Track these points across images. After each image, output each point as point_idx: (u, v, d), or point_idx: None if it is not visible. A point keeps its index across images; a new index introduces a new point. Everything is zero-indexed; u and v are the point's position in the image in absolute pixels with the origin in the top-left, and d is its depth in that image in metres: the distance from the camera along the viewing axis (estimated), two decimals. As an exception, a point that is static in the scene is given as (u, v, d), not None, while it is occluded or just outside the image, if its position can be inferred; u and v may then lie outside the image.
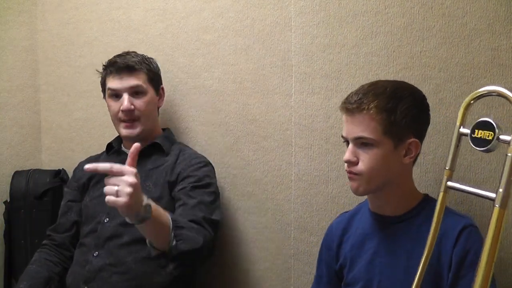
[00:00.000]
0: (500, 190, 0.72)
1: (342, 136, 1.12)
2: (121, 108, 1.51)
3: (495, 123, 0.77)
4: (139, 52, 1.84)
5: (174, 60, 1.77)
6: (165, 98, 1.80)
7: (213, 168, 1.58)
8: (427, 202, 1.13)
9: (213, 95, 1.68)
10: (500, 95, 0.80)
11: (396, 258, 1.09)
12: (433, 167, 1.28)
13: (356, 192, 1.11)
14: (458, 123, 0.85)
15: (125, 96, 1.51)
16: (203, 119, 1.71)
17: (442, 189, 0.86)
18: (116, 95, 1.53)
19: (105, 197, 1.48)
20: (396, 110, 1.05)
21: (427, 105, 1.12)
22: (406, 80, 1.24)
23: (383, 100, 1.05)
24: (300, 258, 1.53)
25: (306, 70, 1.49)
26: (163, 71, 1.80)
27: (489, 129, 0.77)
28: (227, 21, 1.64)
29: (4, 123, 2.02)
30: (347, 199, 1.42)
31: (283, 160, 1.55)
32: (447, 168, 0.86)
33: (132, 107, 1.51)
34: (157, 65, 1.64)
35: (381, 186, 1.09)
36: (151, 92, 1.57)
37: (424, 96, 1.12)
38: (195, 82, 1.73)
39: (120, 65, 1.52)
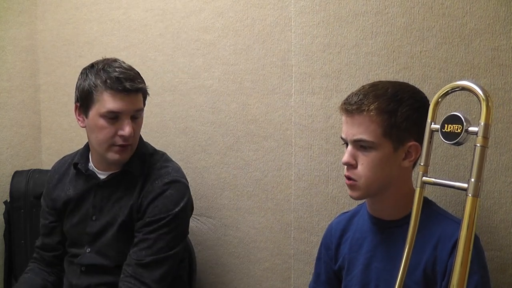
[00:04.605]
0: (472, 179, 0.75)
1: (341, 137, 1.11)
2: (122, 133, 1.33)
3: (463, 116, 0.79)
4: (139, 52, 1.85)
5: (174, 60, 1.77)
6: (165, 99, 1.81)
7: (183, 182, 1.44)
8: (426, 206, 1.10)
9: (213, 95, 1.68)
10: (463, 89, 0.82)
11: (393, 263, 1.07)
12: (433, 167, 1.28)
13: (354, 196, 1.09)
14: (429, 120, 0.87)
15: (128, 121, 1.34)
16: (203, 119, 1.71)
17: (418, 184, 0.88)
18: (114, 117, 1.33)
19: (82, 225, 1.44)
20: (397, 112, 1.03)
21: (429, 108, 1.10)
22: (406, 80, 1.24)
23: (383, 102, 1.04)
24: (300, 258, 1.53)
25: (306, 70, 1.49)
26: (163, 71, 1.80)
27: (457, 123, 0.79)
28: (227, 21, 1.64)
29: (4, 123, 2.02)
30: (347, 199, 1.42)
31: (283, 160, 1.55)
32: (421, 164, 0.87)
33: (133, 132, 1.35)
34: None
35: (380, 189, 1.08)
36: (143, 113, 1.43)
37: (426, 98, 1.10)
38: (195, 82, 1.73)
39: (128, 87, 1.32)
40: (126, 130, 1.33)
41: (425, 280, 1.03)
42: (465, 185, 0.76)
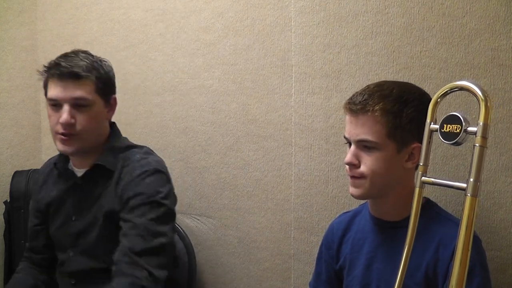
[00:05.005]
0: (471, 179, 0.75)
1: (345, 137, 1.10)
2: (60, 121, 1.29)
3: (462, 116, 0.79)
4: (139, 52, 1.85)
5: (174, 60, 1.77)
6: (165, 99, 1.80)
7: (165, 173, 1.40)
8: (428, 207, 1.10)
9: (213, 95, 1.68)
10: (462, 89, 0.82)
11: (394, 264, 1.06)
12: (433, 167, 1.28)
13: (356, 196, 1.09)
14: (428, 120, 0.87)
15: (66, 108, 1.29)
16: (203, 119, 1.71)
17: (418, 184, 0.88)
18: (56, 104, 1.31)
19: (65, 226, 1.40)
20: (402, 114, 1.03)
21: None
22: (406, 80, 1.24)
23: (389, 103, 1.03)
24: (300, 258, 1.53)
25: (306, 70, 1.49)
26: (163, 71, 1.80)
27: (456, 123, 0.79)
28: (227, 21, 1.64)
29: (4, 123, 2.02)
30: (347, 199, 1.42)
31: (283, 160, 1.55)
32: (421, 164, 0.87)
33: (73, 121, 1.29)
34: (110, 70, 1.42)
35: (382, 190, 1.08)
36: (98, 104, 1.35)
37: (430, 100, 1.09)
38: (195, 82, 1.73)
39: (63, 70, 1.29)
40: (63, 117, 1.28)
41: (427, 281, 1.03)
42: (464, 185, 0.76)
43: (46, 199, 1.46)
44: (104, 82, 1.36)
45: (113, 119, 1.46)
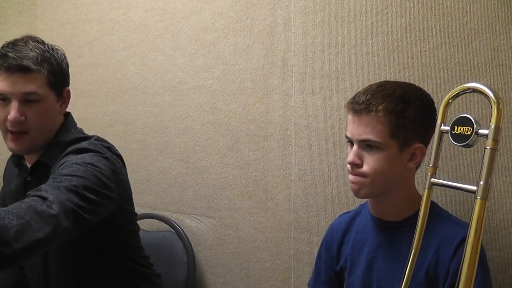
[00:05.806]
0: (481, 182, 0.75)
1: (346, 136, 1.10)
2: (8, 118, 1.18)
3: (473, 118, 0.79)
4: (139, 52, 1.85)
5: (174, 60, 1.77)
6: (165, 99, 1.80)
7: (98, 151, 1.22)
8: (429, 207, 1.11)
9: (213, 95, 1.68)
10: (474, 90, 0.81)
11: (395, 264, 1.07)
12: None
13: (358, 194, 1.09)
14: (439, 121, 0.86)
15: (15, 104, 1.18)
16: (203, 119, 1.71)
17: (426, 185, 0.87)
18: (4, 99, 1.20)
19: None
20: (404, 114, 1.03)
21: (435, 110, 1.08)
22: (406, 80, 1.24)
23: (392, 103, 1.03)
24: (300, 258, 1.53)
25: (306, 70, 1.49)
26: (163, 71, 1.80)
27: (468, 125, 0.79)
28: (227, 21, 1.64)
29: (4, 123, 2.02)
30: (347, 199, 1.42)
31: (283, 160, 1.55)
32: (430, 165, 0.87)
33: (23, 118, 1.19)
34: (63, 60, 1.29)
35: (383, 190, 1.08)
36: (50, 99, 1.24)
37: (432, 100, 1.09)
38: (195, 82, 1.73)
39: (11, 62, 1.18)
40: (12, 114, 1.18)
41: (428, 281, 1.03)
42: (474, 188, 0.75)
43: (7, 192, 1.38)
44: (56, 75, 1.25)
45: (113, 119, 1.45)
